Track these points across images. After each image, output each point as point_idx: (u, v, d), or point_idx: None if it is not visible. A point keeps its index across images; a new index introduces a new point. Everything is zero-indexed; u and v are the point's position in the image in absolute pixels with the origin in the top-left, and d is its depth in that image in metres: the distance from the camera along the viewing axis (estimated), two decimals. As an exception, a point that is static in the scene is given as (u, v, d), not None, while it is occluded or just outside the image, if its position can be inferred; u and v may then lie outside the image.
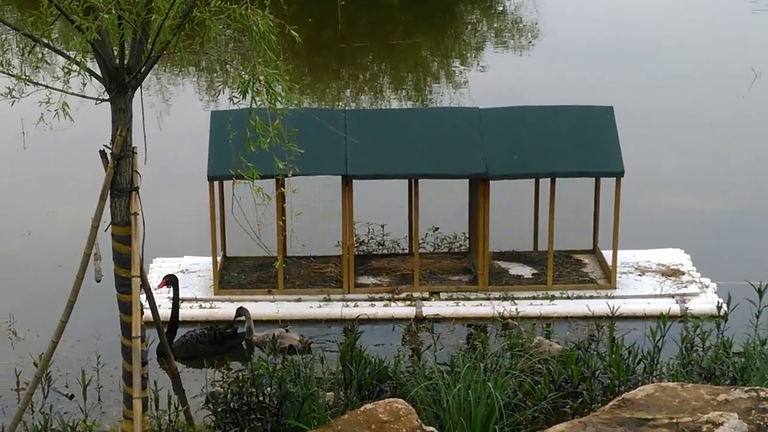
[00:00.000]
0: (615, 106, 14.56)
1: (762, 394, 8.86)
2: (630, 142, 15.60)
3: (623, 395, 9.04)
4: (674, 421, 8.45)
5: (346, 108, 13.89)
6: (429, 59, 27.66)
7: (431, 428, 8.71)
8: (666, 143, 20.65)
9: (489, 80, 25.85)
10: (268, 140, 8.00)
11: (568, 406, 9.74)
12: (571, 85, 23.77)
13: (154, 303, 9.64)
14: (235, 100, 8.13)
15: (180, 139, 19.80)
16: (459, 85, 25.75)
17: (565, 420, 9.66)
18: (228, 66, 8.35)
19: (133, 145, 8.86)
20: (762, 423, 8.51)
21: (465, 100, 23.87)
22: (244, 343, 13.02)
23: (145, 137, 8.95)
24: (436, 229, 15.84)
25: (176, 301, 12.93)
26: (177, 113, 22.67)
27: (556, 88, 23.55)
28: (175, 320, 12.75)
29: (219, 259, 14.37)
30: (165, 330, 12.16)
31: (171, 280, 13.13)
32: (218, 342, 12.77)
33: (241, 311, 13.24)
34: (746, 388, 9.00)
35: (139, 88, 8.73)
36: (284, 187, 9.08)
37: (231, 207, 8.41)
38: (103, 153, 8.85)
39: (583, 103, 15.13)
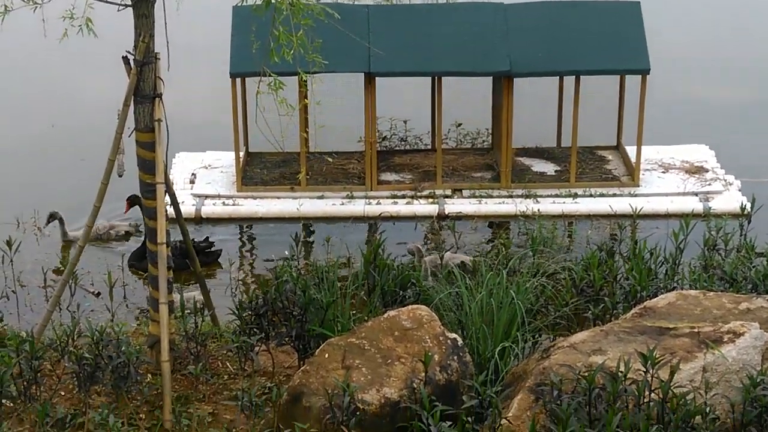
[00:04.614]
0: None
1: (784, 303, 8.86)
2: (658, 34, 15.34)
3: (645, 303, 9.00)
4: (695, 330, 8.44)
5: (369, 4, 13.66)
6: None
7: (454, 335, 8.74)
8: (693, 35, 20.32)
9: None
10: (292, 51, 7.91)
11: (589, 312, 9.73)
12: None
13: (179, 208, 9.66)
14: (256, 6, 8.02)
15: (203, 29, 19.57)
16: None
17: (587, 325, 9.70)
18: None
19: (156, 51, 8.78)
20: (783, 333, 8.52)
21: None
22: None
23: (167, 43, 8.85)
24: (459, 125, 15.76)
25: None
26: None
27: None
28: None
29: (241, 154, 14.35)
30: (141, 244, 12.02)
31: (134, 201, 12.36)
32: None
33: (53, 215, 12.94)
34: (768, 297, 8.98)
35: (161, -7, 8.62)
36: (307, 98, 9.01)
37: (255, 116, 8.36)
38: (126, 59, 8.77)
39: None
